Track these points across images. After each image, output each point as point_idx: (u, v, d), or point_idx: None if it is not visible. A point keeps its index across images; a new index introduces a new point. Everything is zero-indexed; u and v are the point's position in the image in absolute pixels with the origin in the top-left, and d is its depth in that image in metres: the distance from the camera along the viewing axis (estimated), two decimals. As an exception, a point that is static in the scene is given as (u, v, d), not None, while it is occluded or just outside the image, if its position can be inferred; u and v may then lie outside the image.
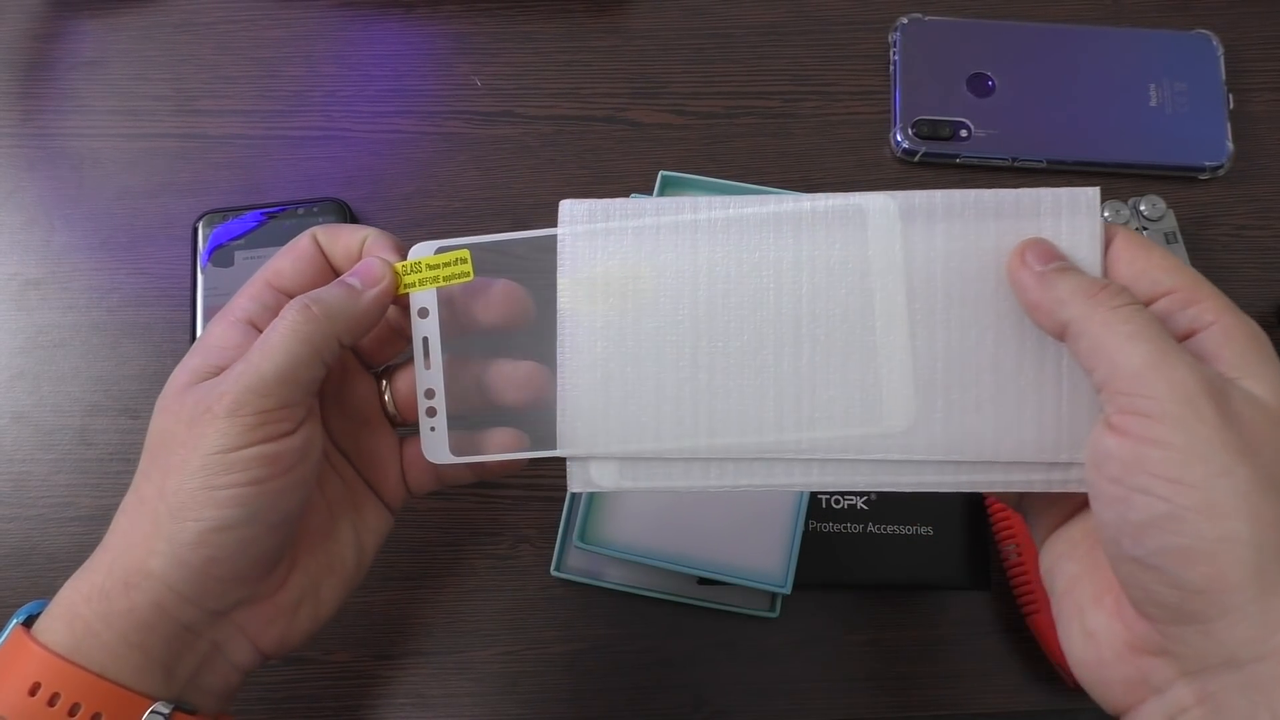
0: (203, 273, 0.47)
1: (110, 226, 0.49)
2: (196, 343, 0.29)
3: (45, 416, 0.46)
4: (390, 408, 0.32)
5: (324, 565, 0.30)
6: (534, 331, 0.29)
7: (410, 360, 0.30)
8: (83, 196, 0.49)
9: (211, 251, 0.47)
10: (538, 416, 0.29)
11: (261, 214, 0.47)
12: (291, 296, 0.29)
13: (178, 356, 0.46)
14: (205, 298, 0.46)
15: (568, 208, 0.29)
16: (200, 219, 0.48)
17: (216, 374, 0.28)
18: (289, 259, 0.30)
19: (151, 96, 0.51)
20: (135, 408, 0.46)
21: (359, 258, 0.30)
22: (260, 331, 0.29)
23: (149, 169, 0.50)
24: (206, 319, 0.46)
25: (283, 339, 0.27)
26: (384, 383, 0.32)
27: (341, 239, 0.30)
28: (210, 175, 0.50)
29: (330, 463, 0.31)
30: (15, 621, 0.27)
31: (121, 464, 0.45)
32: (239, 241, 0.47)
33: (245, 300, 0.29)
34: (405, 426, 0.32)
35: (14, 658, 0.26)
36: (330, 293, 0.28)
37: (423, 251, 0.29)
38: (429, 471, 0.32)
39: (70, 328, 0.47)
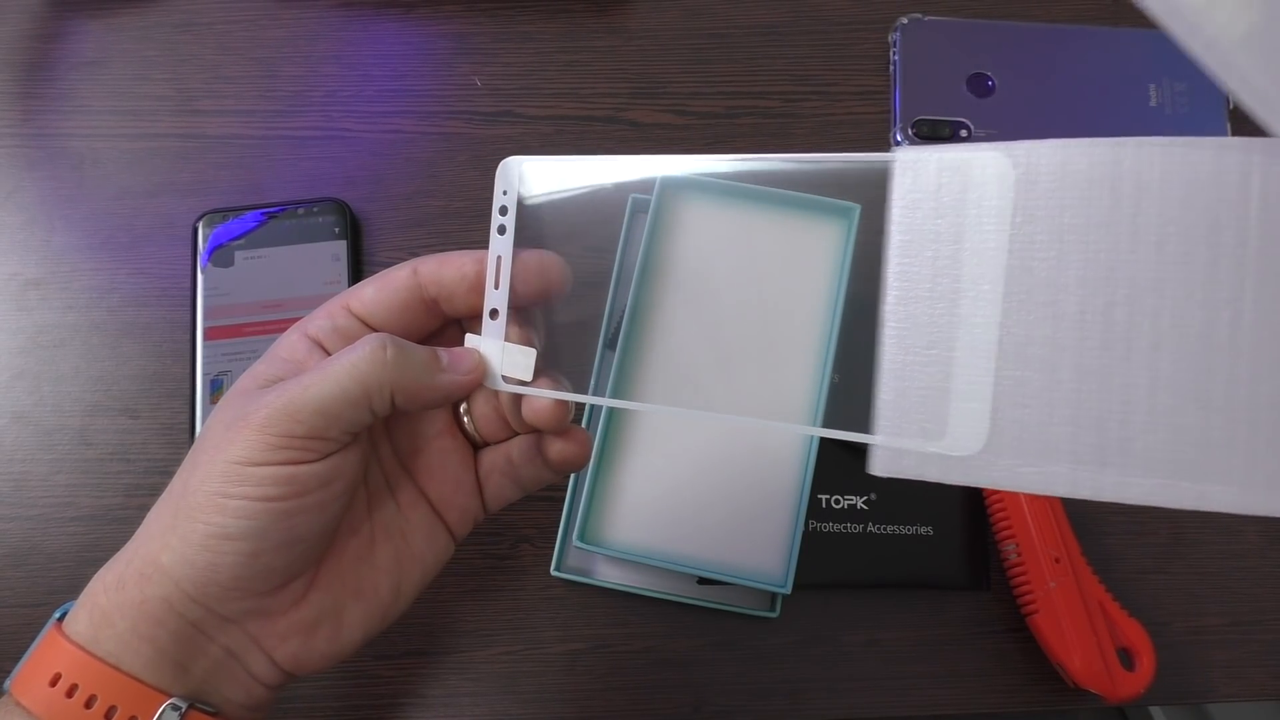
0: (203, 273, 0.47)
1: (110, 226, 0.49)
2: (268, 350, 0.29)
3: (45, 416, 0.46)
4: (470, 427, 0.31)
5: (350, 589, 0.29)
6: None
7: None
8: (83, 196, 0.49)
9: (211, 251, 0.47)
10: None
11: (261, 214, 0.47)
12: (369, 323, 0.29)
13: (178, 356, 0.47)
14: (205, 298, 0.46)
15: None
16: (200, 219, 0.48)
17: (275, 383, 0.27)
18: (375, 285, 0.29)
19: (151, 96, 0.51)
20: (135, 408, 0.46)
21: (474, 285, 0.28)
22: (325, 350, 0.28)
23: (149, 169, 0.50)
24: (206, 319, 0.46)
25: (341, 371, 0.26)
26: (462, 403, 0.31)
27: (452, 264, 0.29)
28: (210, 175, 0.50)
29: (388, 484, 0.30)
30: (55, 616, 0.27)
31: (121, 464, 0.45)
32: (239, 241, 0.47)
33: (321, 316, 0.29)
34: (484, 446, 0.32)
35: (45, 650, 0.26)
36: (413, 350, 0.27)
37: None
38: (509, 476, 0.31)
39: (70, 328, 0.47)
